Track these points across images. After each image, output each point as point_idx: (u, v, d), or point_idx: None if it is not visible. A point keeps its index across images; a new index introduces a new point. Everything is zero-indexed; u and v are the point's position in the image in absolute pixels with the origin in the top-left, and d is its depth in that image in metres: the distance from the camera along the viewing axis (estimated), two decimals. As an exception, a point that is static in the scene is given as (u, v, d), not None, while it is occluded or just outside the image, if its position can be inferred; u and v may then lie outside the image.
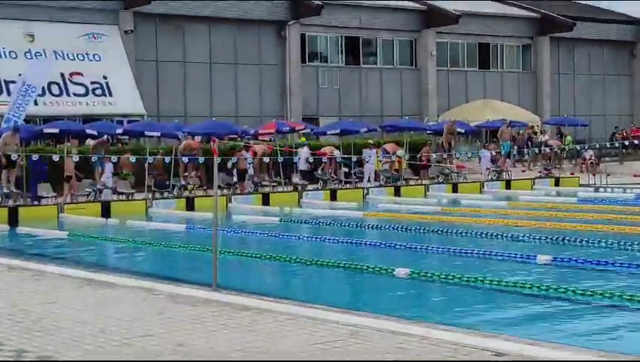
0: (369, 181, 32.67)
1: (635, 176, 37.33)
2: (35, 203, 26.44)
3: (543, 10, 53.99)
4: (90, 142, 30.63)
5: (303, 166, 32.17)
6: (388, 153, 33.94)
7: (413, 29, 49.59)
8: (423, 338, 8.56)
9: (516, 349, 8.11)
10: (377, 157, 33.67)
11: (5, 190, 26.10)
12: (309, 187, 31.60)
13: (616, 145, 45.82)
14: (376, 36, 49.20)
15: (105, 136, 29.95)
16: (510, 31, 53.35)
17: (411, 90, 49.88)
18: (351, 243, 18.38)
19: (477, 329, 9.50)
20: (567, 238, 17.79)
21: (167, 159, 29.04)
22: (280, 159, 30.70)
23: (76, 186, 27.44)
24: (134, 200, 27.86)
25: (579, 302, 11.78)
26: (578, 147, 42.59)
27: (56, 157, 26.99)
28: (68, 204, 26.28)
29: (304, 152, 32.25)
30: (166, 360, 7.94)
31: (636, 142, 46.24)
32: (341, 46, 48.46)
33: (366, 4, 47.90)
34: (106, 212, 25.47)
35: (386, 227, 21.16)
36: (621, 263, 14.58)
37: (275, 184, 31.42)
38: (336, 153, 32.54)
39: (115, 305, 10.74)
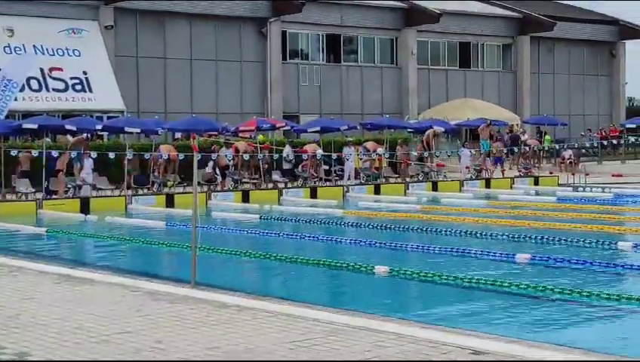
0: (349, 179, 32.70)
1: (613, 175, 37.54)
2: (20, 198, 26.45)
3: (523, 10, 54.17)
4: (69, 138, 30.49)
5: (286, 165, 32.20)
6: (369, 151, 33.97)
7: (394, 28, 49.62)
8: (401, 336, 8.58)
9: (495, 347, 8.14)
10: (357, 155, 33.68)
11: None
12: (289, 184, 31.60)
13: (595, 144, 46.06)
14: (357, 34, 49.20)
15: (84, 135, 29.78)
16: (491, 30, 53.48)
17: (392, 88, 49.91)
18: (331, 240, 18.38)
19: (456, 327, 9.52)
20: (546, 237, 17.86)
21: (147, 155, 28.98)
22: (260, 156, 30.68)
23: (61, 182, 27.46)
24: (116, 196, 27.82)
25: (557, 301, 11.83)
26: (557, 146, 42.77)
27: (35, 153, 26.91)
28: (47, 199, 26.18)
29: (286, 151, 32.26)
30: (144, 360, 7.91)
31: (615, 141, 46.53)
32: (322, 44, 48.44)
33: (347, 2, 47.89)
34: (85, 208, 25.36)
35: (366, 225, 21.17)
36: (599, 262, 14.65)
37: (255, 181, 31.38)
38: (319, 152, 32.52)
39: (93, 301, 10.70)
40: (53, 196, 26.69)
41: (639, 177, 36.19)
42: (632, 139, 46.69)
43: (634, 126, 47.13)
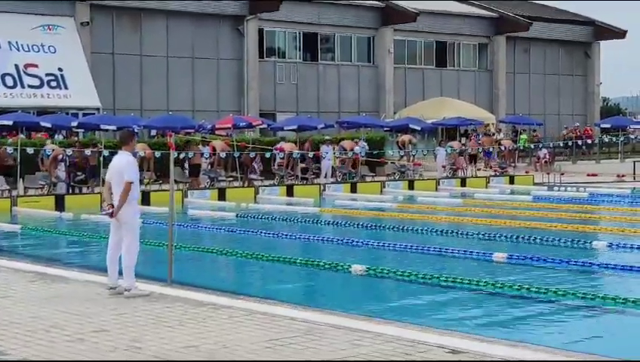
0: (326, 177, 32.69)
1: (589, 175, 37.77)
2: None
3: (499, 10, 54.38)
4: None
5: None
6: (345, 150, 33.97)
7: (371, 26, 49.69)
8: (378, 335, 8.58)
9: (472, 347, 8.15)
10: (334, 153, 33.68)
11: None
12: (266, 182, 31.55)
13: (569, 144, 46.28)
14: (335, 32, 49.21)
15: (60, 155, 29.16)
16: (467, 30, 53.66)
17: (369, 86, 49.97)
18: (307, 239, 18.36)
19: (433, 326, 9.53)
20: (522, 236, 17.93)
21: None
22: (236, 154, 30.62)
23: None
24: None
25: (533, 300, 11.87)
26: (532, 146, 42.99)
27: (10, 150, 26.72)
28: (21, 196, 26.04)
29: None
30: (120, 360, 7.87)
31: (589, 141, 46.77)
32: (299, 42, 48.41)
33: (324, 0, 47.87)
34: (60, 205, 25.20)
35: (343, 223, 21.17)
36: (575, 261, 14.73)
37: (231, 179, 31.30)
38: (295, 151, 32.48)
39: (68, 299, 10.63)
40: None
41: (614, 177, 36.45)
42: (607, 139, 46.96)
43: (608, 126, 47.39)
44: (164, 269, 12.03)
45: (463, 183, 33.85)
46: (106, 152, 27.95)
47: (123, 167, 10.89)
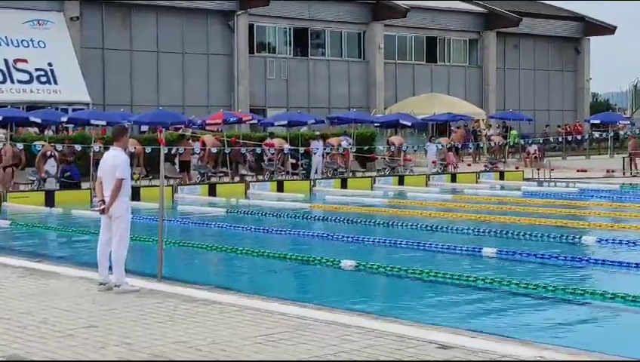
0: (316, 173, 32.70)
1: (578, 170, 37.86)
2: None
3: (489, 5, 54.43)
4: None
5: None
6: (333, 146, 33.95)
7: (361, 22, 49.68)
8: (368, 331, 8.61)
9: (461, 342, 8.19)
10: (325, 149, 33.69)
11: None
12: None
13: (560, 139, 46.39)
14: (325, 28, 49.19)
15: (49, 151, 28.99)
16: (457, 25, 53.70)
17: (359, 82, 49.97)
18: (297, 234, 18.37)
19: (422, 321, 9.56)
20: (512, 231, 17.98)
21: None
22: (227, 150, 30.60)
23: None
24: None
25: (522, 295, 11.92)
26: (522, 141, 43.09)
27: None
28: (11, 192, 25.97)
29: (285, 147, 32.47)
30: (110, 360, 7.88)
31: (579, 137, 46.91)
32: (289, 37, 48.37)
33: (315, -5, 47.90)
34: (50, 201, 25.14)
35: (333, 219, 21.19)
36: (564, 256, 14.78)
37: (221, 175, 31.27)
38: (285, 146, 32.48)
39: (58, 295, 10.63)
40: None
41: (603, 172, 36.54)
42: (596, 134, 47.08)
43: (598, 122, 47.52)
44: (154, 265, 12.04)
45: (453, 179, 33.89)
46: (96, 147, 27.89)
47: (115, 163, 10.91)
